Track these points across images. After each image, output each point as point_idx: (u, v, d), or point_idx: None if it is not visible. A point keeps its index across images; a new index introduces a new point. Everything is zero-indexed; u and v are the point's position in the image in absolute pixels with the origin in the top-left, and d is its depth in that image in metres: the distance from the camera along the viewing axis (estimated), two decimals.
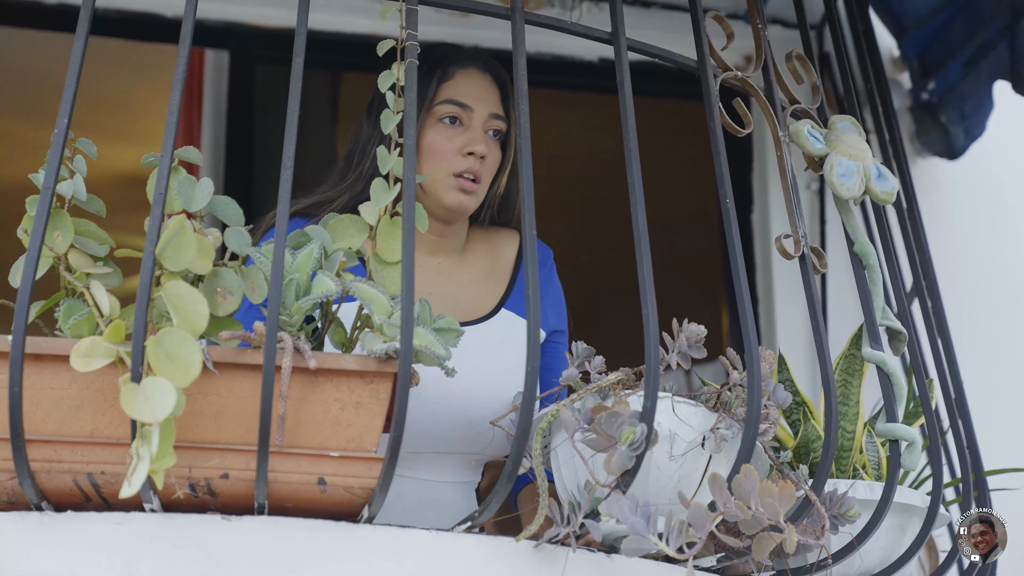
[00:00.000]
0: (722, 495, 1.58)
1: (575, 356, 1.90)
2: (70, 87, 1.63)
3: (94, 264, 1.64)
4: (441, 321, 1.67)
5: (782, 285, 3.67)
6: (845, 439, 2.01)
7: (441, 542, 1.58)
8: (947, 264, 3.09)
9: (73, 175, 1.67)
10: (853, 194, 2.01)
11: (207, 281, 1.61)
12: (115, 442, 1.52)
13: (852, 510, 1.77)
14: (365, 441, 1.58)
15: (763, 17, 2.08)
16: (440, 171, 2.23)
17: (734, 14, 3.61)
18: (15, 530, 1.50)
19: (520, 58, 1.78)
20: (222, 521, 1.52)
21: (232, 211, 1.67)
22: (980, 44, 3.47)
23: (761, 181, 3.86)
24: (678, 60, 1.95)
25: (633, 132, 1.80)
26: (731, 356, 1.84)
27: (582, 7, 3.71)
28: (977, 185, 3.92)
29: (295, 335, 1.58)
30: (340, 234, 1.72)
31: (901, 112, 3.78)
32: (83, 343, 1.48)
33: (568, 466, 1.78)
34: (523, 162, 1.73)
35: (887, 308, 2.02)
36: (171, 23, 3.59)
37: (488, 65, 2.34)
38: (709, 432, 1.74)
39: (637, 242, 1.72)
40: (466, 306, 2.27)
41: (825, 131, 2.06)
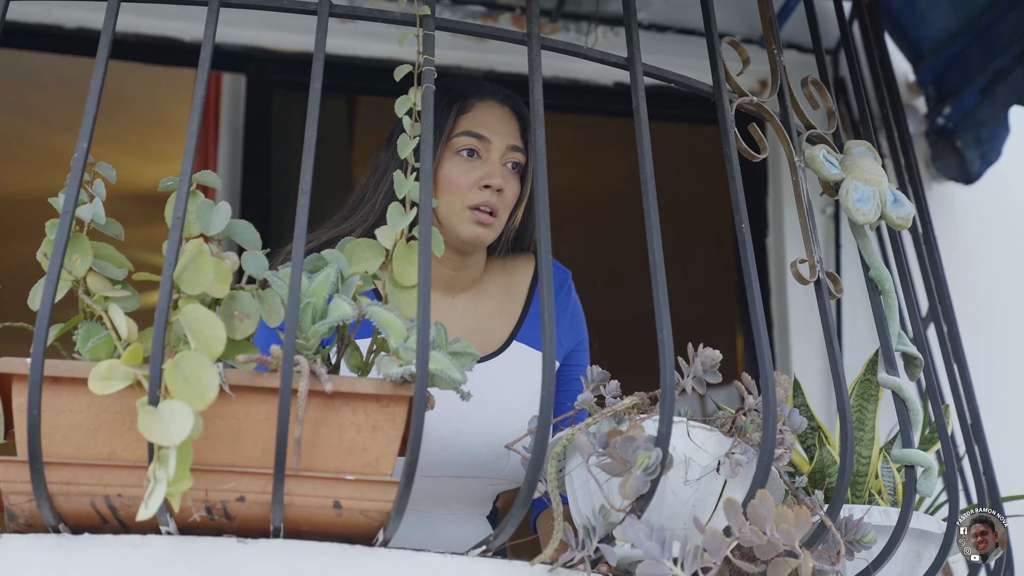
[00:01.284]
0: (737, 520, 1.57)
1: (590, 380, 1.90)
2: (90, 112, 1.64)
3: (112, 287, 1.65)
4: (456, 345, 1.67)
5: (797, 310, 3.67)
6: (861, 464, 2.00)
7: (456, 566, 1.58)
8: (963, 289, 3.09)
9: (92, 199, 1.68)
10: (869, 219, 2.01)
11: (224, 305, 1.61)
12: (132, 465, 1.52)
13: (868, 536, 1.77)
14: (381, 465, 1.58)
15: (779, 42, 2.09)
16: (456, 204, 2.22)
17: (749, 39, 3.62)
18: (33, 553, 1.50)
19: (536, 83, 1.79)
20: (238, 544, 1.52)
21: (249, 235, 1.68)
22: (996, 70, 3.48)
23: (776, 206, 3.86)
24: (693, 85, 1.95)
25: (649, 156, 1.81)
26: (746, 381, 1.84)
27: (597, 32, 3.72)
28: (993, 210, 3.92)
29: (312, 359, 1.58)
30: (356, 258, 1.72)
31: (917, 137, 3.78)
32: (101, 366, 1.49)
33: (583, 490, 1.78)
34: (539, 187, 1.74)
35: (903, 333, 2.01)
36: (189, 47, 3.62)
37: (507, 98, 2.34)
38: (724, 457, 1.74)
39: (653, 267, 1.72)
40: (479, 341, 2.26)
41: (841, 156, 2.06)
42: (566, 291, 2.39)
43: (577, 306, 2.40)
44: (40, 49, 3.72)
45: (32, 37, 3.61)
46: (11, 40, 3.57)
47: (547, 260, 1.68)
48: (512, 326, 2.32)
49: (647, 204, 1.77)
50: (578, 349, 2.38)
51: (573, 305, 2.40)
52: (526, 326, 2.32)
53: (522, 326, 2.32)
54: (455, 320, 2.27)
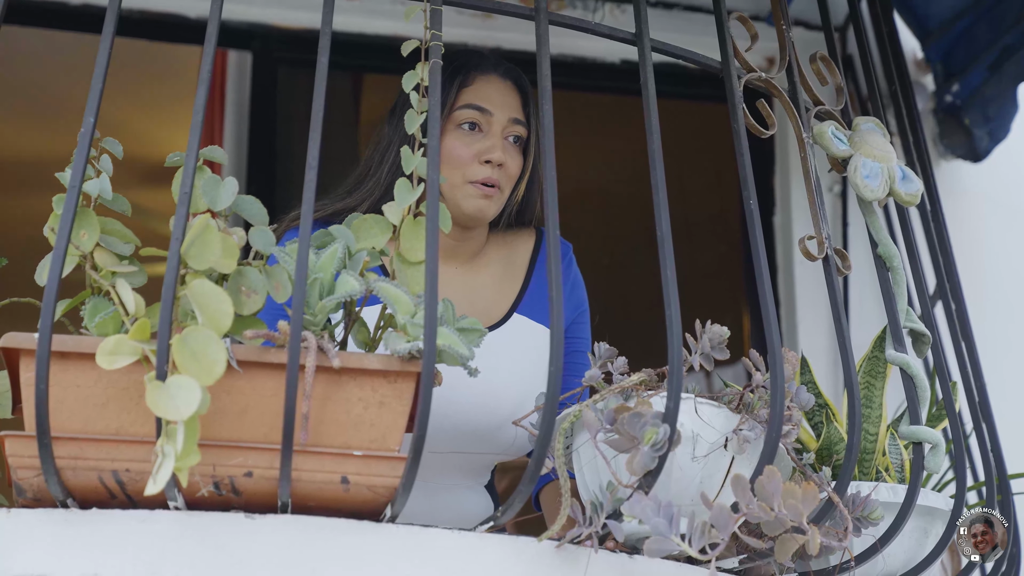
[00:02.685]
0: (745, 496, 1.57)
1: (597, 357, 1.90)
2: (96, 87, 1.64)
3: (120, 263, 1.65)
4: (464, 321, 1.67)
5: (804, 287, 3.67)
6: (868, 441, 2.00)
7: (464, 542, 1.58)
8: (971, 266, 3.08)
9: (99, 174, 1.68)
10: (877, 196, 2.00)
11: (231, 280, 1.61)
12: (140, 440, 1.52)
13: (875, 512, 1.77)
14: (388, 440, 1.58)
15: (787, 18, 2.08)
16: (457, 177, 2.22)
17: (757, 16, 3.61)
18: (41, 527, 1.51)
19: (544, 59, 1.78)
20: (245, 519, 1.53)
21: (256, 210, 1.68)
22: (1004, 47, 3.47)
23: (784, 183, 3.86)
24: (702, 61, 1.94)
25: (657, 134, 1.80)
26: (754, 358, 1.83)
27: (604, 8, 3.71)
28: (1001, 187, 3.91)
29: (319, 334, 1.58)
30: (364, 234, 1.72)
31: (924, 115, 3.77)
32: (109, 341, 1.49)
33: (590, 467, 1.78)
34: (547, 163, 1.73)
35: (911, 310, 2.01)
36: (194, 24, 3.61)
37: (509, 71, 2.33)
38: (732, 433, 1.74)
39: (660, 244, 1.72)
40: (479, 312, 2.27)
41: (849, 133, 2.06)
42: (567, 262, 2.38)
43: (578, 277, 2.40)
44: (45, 26, 3.72)
45: (37, 14, 3.61)
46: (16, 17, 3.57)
47: (555, 238, 1.68)
48: (513, 298, 2.32)
49: (655, 180, 1.76)
50: (579, 321, 2.38)
51: (574, 276, 2.39)
52: (527, 298, 2.32)
53: (523, 298, 2.32)
54: (455, 290, 2.27)
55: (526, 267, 2.36)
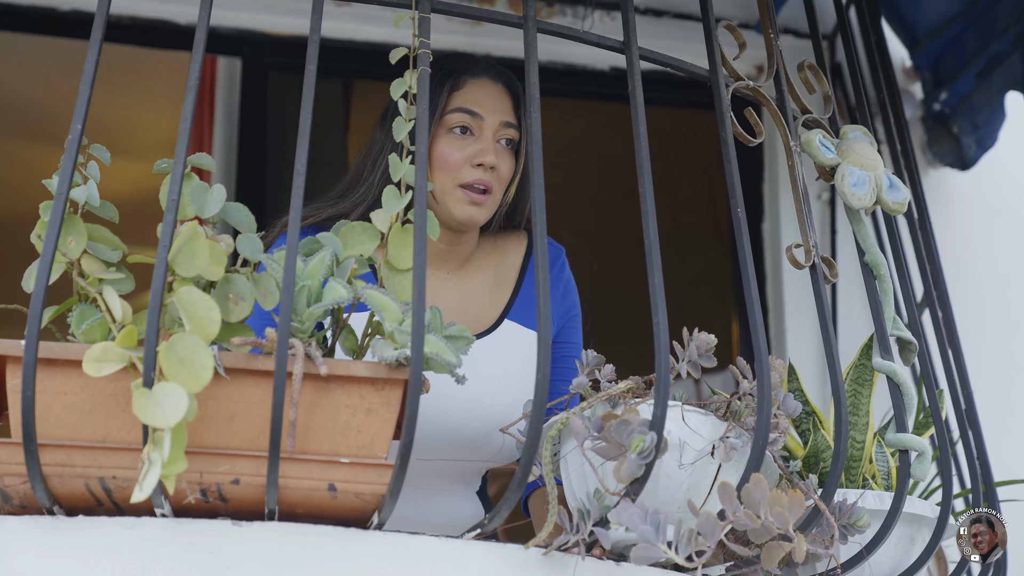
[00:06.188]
0: (732, 504, 1.58)
1: (585, 364, 1.90)
2: (84, 93, 1.64)
3: (107, 270, 1.65)
4: (452, 328, 1.67)
5: (792, 295, 3.68)
6: (855, 449, 2.01)
7: (451, 549, 1.58)
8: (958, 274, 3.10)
9: (87, 181, 1.67)
10: (864, 204, 2.01)
11: (219, 287, 1.61)
12: (127, 447, 1.52)
13: (861, 520, 1.77)
14: (376, 448, 1.58)
15: (775, 27, 2.08)
16: (448, 182, 2.22)
17: (746, 24, 3.62)
18: (27, 534, 1.50)
19: (532, 66, 1.78)
20: (232, 527, 1.52)
21: (244, 217, 1.68)
22: (993, 55, 3.48)
23: (772, 191, 3.86)
24: (690, 69, 1.95)
25: (645, 141, 1.80)
26: (741, 365, 1.84)
27: (594, 16, 3.72)
28: (989, 195, 3.92)
29: (307, 341, 1.58)
30: (352, 241, 1.72)
31: (913, 123, 3.78)
32: (96, 348, 1.49)
33: (578, 474, 1.78)
34: (534, 170, 1.73)
35: (898, 318, 2.01)
36: (184, 30, 3.61)
37: (500, 75, 2.33)
38: (719, 441, 1.74)
39: (648, 251, 1.72)
40: (470, 318, 2.26)
41: (837, 141, 2.06)
42: (559, 267, 2.38)
43: (570, 281, 2.40)
44: (34, 31, 3.72)
45: (27, 19, 3.60)
46: (5, 22, 3.57)
47: (543, 245, 1.68)
48: (503, 304, 2.32)
49: (643, 187, 1.76)
50: (570, 325, 2.37)
51: (566, 280, 2.39)
52: (517, 304, 2.32)
53: (513, 304, 2.32)
54: (446, 296, 2.27)
55: (517, 272, 2.36)
